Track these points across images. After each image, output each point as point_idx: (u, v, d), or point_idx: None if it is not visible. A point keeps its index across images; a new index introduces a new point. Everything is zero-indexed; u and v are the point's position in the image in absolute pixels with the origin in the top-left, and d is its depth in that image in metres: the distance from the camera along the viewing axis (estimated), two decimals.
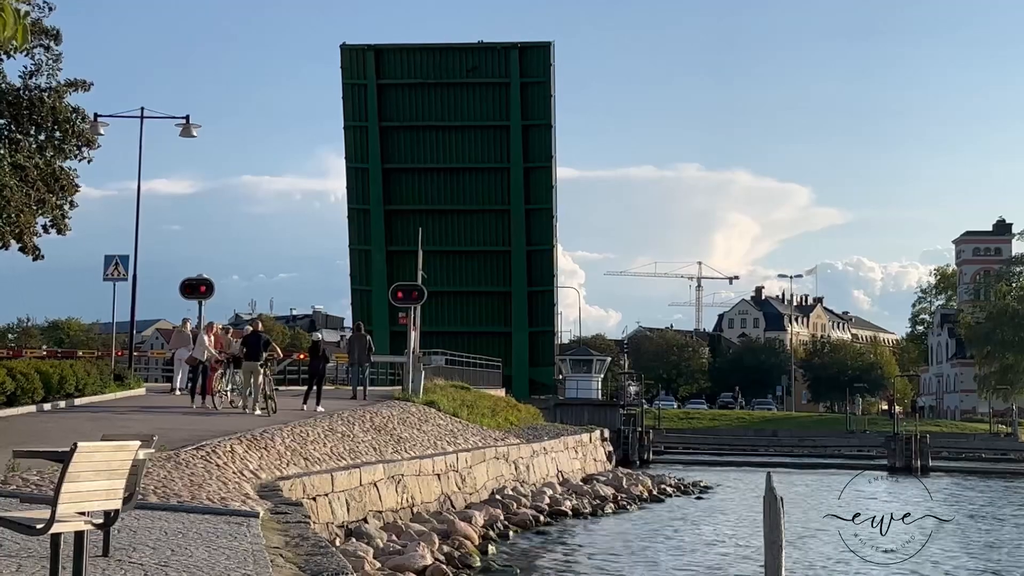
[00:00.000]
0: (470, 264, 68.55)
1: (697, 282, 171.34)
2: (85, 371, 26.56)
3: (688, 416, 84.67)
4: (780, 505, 12.28)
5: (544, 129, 69.12)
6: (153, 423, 21.72)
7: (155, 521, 11.41)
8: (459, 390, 38.47)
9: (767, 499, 12.44)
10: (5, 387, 22.23)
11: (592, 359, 71.24)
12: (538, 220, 69.23)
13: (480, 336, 64.57)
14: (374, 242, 69.06)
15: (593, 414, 58.77)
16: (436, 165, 68.86)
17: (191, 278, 31.86)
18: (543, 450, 34.14)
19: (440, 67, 68.72)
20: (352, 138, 69.69)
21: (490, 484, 27.80)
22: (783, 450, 65.53)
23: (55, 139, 27.49)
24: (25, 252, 27.11)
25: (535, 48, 69.40)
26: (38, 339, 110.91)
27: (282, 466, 18.83)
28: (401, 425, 27.29)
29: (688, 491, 39.65)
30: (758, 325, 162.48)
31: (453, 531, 21.42)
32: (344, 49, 69.40)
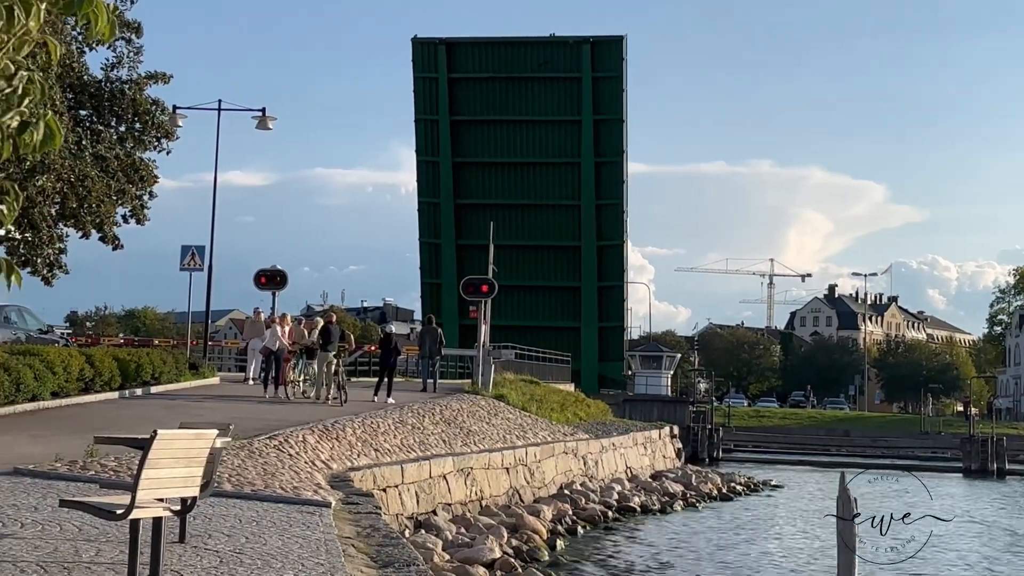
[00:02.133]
0: (540, 258, 68.53)
1: (769, 279, 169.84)
2: (161, 360, 26.97)
3: (758, 414, 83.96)
4: (854, 506, 12.10)
5: (615, 124, 68.89)
6: (227, 412, 21.97)
7: (230, 509, 11.54)
8: (528, 384, 38.47)
9: (841, 499, 12.27)
10: (83, 374, 22.64)
11: (662, 355, 70.85)
12: (608, 215, 69.03)
13: (549, 331, 64.53)
14: (444, 236, 69.32)
15: (662, 410, 58.45)
16: (507, 159, 68.90)
17: (265, 269, 32.22)
18: (612, 446, 34.03)
19: (511, 61, 68.69)
20: (423, 132, 69.99)
21: (558, 479, 27.77)
22: (855, 450, 64.72)
23: (135, 130, 27.93)
24: (105, 242, 27.59)
25: (607, 42, 69.13)
26: (115, 327, 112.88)
27: (353, 457, 18.95)
28: (470, 418, 27.34)
29: (758, 489, 39.31)
30: (831, 323, 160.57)
31: (521, 525, 21.42)
32: (416, 43, 69.64)
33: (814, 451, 64.73)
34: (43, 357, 21.36)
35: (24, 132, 3.46)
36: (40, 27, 3.51)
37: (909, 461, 60.31)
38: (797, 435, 71.44)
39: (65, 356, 22.44)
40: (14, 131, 3.45)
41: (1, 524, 9.58)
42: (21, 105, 3.50)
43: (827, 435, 72.06)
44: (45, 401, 20.79)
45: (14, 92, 3.50)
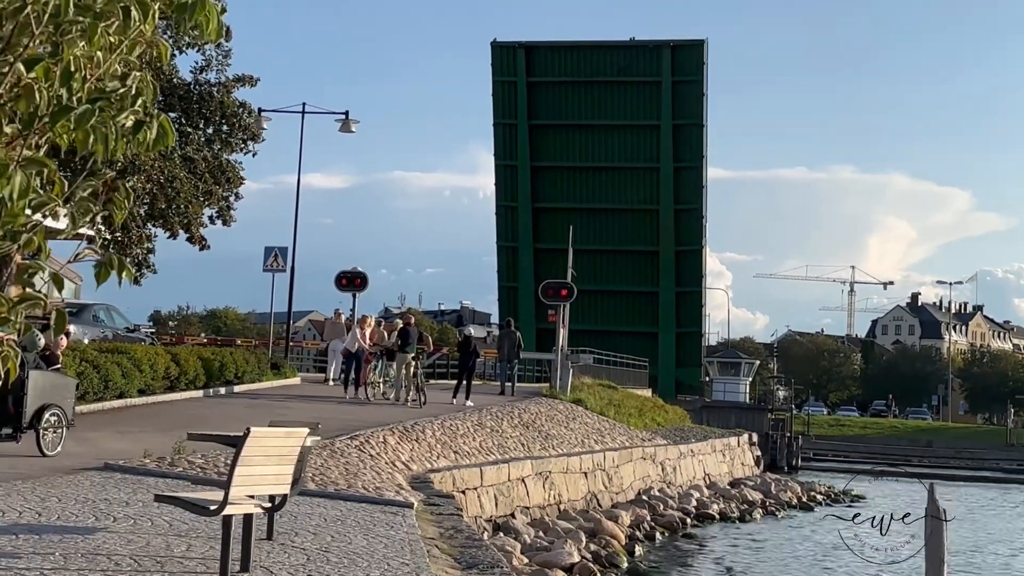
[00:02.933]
0: (618, 263, 68.28)
1: (850, 286, 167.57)
2: (244, 359, 27.35)
3: (838, 423, 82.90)
4: (943, 518, 11.88)
5: (695, 128, 68.41)
6: (309, 412, 22.20)
7: (314, 508, 11.66)
8: (606, 389, 38.36)
9: (929, 512, 12.07)
10: (169, 372, 23.04)
11: (740, 362, 70.23)
12: (687, 221, 68.58)
13: (627, 335, 64.26)
14: (522, 239, 69.36)
15: (740, 417, 57.88)
16: (585, 164, 68.74)
17: (346, 271, 32.50)
18: (690, 452, 33.80)
19: (590, 65, 68.51)
20: (501, 135, 70.08)
21: (636, 484, 27.65)
22: (938, 461, 63.61)
23: (222, 133, 28.35)
24: (192, 242, 28.03)
25: (688, 46, 68.64)
26: (197, 327, 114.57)
27: (433, 458, 19.05)
28: (549, 422, 27.34)
29: (838, 499, 38.76)
30: (913, 332, 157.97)
31: (600, 530, 21.36)
32: (495, 46, 69.73)
33: (895, 462, 63.69)
34: (131, 355, 21.77)
35: (139, 131, 3.52)
36: (154, 29, 3.58)
37: (993, 473, 59.16)
38: (878, 445, 70.43)
39: (152, 354, 22.86)
40: (129, 130, 3.51)
41: (94, 518, 9.77)
42: (135, 105, 3.56)
43: (909, 446, 70.95)
44: (132, 398, 21.20)
45: (128, 92, 3.57)
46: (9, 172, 3.36)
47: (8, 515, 9.58)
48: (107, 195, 3.83)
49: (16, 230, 3.52)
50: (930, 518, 11.97)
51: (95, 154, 3.43)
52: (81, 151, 3.44)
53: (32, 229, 3.48)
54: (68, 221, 3.59)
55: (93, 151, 3.44)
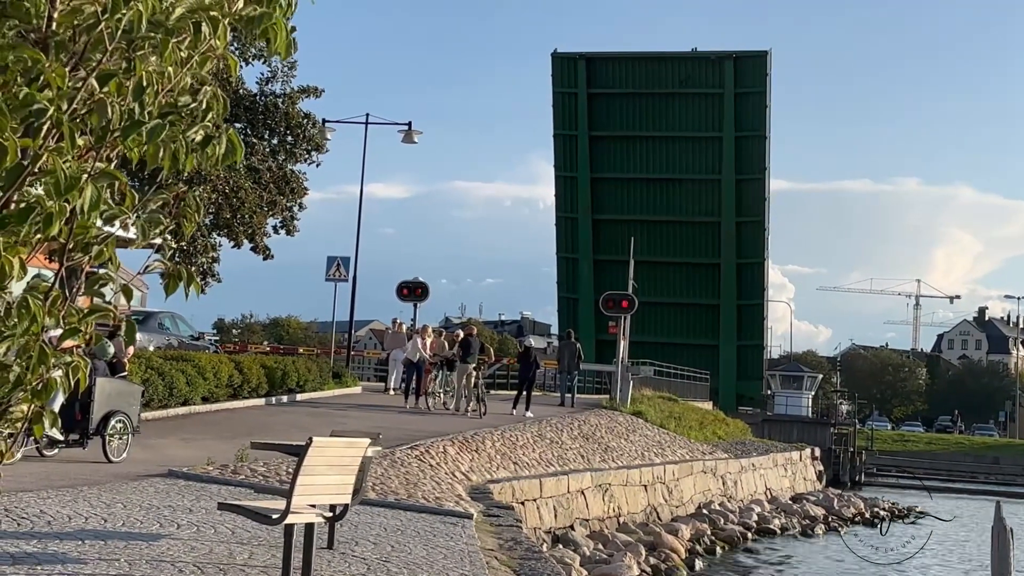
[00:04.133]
0: (679, 275, 67.96)
1: (915, 300, 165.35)
2: (306, 368, 27.55)
3: (903, 438, 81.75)
4: (1010, 536, 11.67)
5: (758, 140, 67.94)
6: (369, 421, 22.31)
7: (374, 517, 11.70)
8: (666, 401, 38.17)
9: (996, 529, 11.86)
10: (232, 380, 23.27)
11: (803, 375, 69.51)
12: (749, 233, 68.10)
13: (687, 348, 63.95)
14: (581, 250, 69.29)
15: (802, 431, 57.30)
16: (646, 175, 68.52)
17: (407, 281, 32.66)
18: (751, 466, 33.51)
19: (652, 77, 68.27)
20: (561, 146, 70.05)
21: (697, 498, 27.46)
22: (1005, 478, 62.48)
23: (287, 143, 28.64)
24: (256, 252, 28.34)
25: (751, 57, 68.21)
26: (260, 335, 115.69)
27: (492, 469, 19.05)
28: (608, 434, 27.24)
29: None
30: (980, 347, 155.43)
31: (659, 543, 21.25)
32: (555, 57, 69.71)
33: (961, 478, 62.74)
34: (195, 363, 22.02)
35: (208, 146, 3.57)
36: (225, 45, 3.62)
37: None
38: (943, 461, 69.36)
39: (215, 362, 23.11)
40: (198, 144, 3.56)
41: (159, 525, 9.89)
42: (205, 119, 3.60)
43: (975, 462, 69.79)
44: (196, 406, 21.44)
45: (199, 106, 3.61)
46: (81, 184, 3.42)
47: (75, 520, 9.72)
48: (177, 207, 3.88)
49: (87, 241, 3.58)
50: (996, 537, 11.75)
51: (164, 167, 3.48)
52: (151, 165, 3.49)
53: (103, 241, 3.53)
54: (138, 233, 3.64)
55: (162, 165, 3.49)
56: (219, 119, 3.69)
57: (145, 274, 3.83)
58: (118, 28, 3.24)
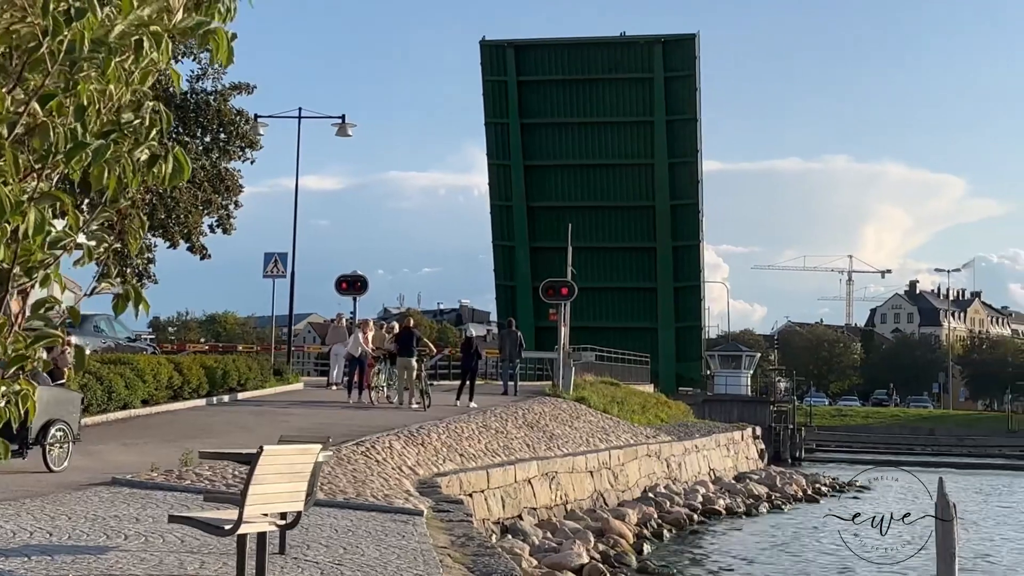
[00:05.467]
0: (615, 260, 68.21)
1: (848, 276, 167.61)
2: (247, 366, 27.31)
3: (840, 413, 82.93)
4: (954, 512, 11.86)
5: (689, 123, 68.25)
6: (313, 418, 22.19)
7: (325, 518, 11.61)
8: (609, 386, 38.35)
9: (939, 506, 12.04)
10: (172, 382, 22.99)
11: (741, 355, 70.23)
12: (684, 216, 68.51)
13: (626, 331, 64.23)
14: (517, 238, 69.27)
15: (742, 410, 57.92)
16: (579, 161, 68.57)
17: (346, 275, 32.44)
18: (695, 448, 33.79)
19: (581, 63, 68.27)
20: (493, 135, 69.83)
21: (642, 482, 27.64)
22: (941, 449, 63.63)
23: (220, 141, 28.30)
24: (193, 251, 27.99)
25: (679, 41, 68.46)
26: (196, 332, 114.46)
27: (439, 462, 19.02)
28: (553, 422, 27.31)
29: (844, 491, 38.76)
30: (912, 320, 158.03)
31: (607, 529, 21.34)
32: (484, 46, 69.38)
33: (898, 451, 63.78)
34: (133, 365, 21.73)
35: (154, 165, 3.49)
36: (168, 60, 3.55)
37: (996, 460, 59.23)
38: (881, 434, 70.51)
39: (154, 364, 22.83)
40: (143, 164, 3.48)
41: (105, 536, 9.73)
42: (149, 137, 3.53)
43: (912, 434, 71.00)
44: (136, 409, 21.15)
45: (142, 124, 3.54)
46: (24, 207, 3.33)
47: (19, 536, 9.54)
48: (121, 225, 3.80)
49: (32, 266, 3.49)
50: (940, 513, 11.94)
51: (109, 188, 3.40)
52: (96, 186, 3.41)
53: (48, 265, 3.45)
54: (83, 253, 3.56)
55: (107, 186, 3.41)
56: (164, 136, 3.61)
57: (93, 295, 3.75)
58: (60, 49, 3.15)
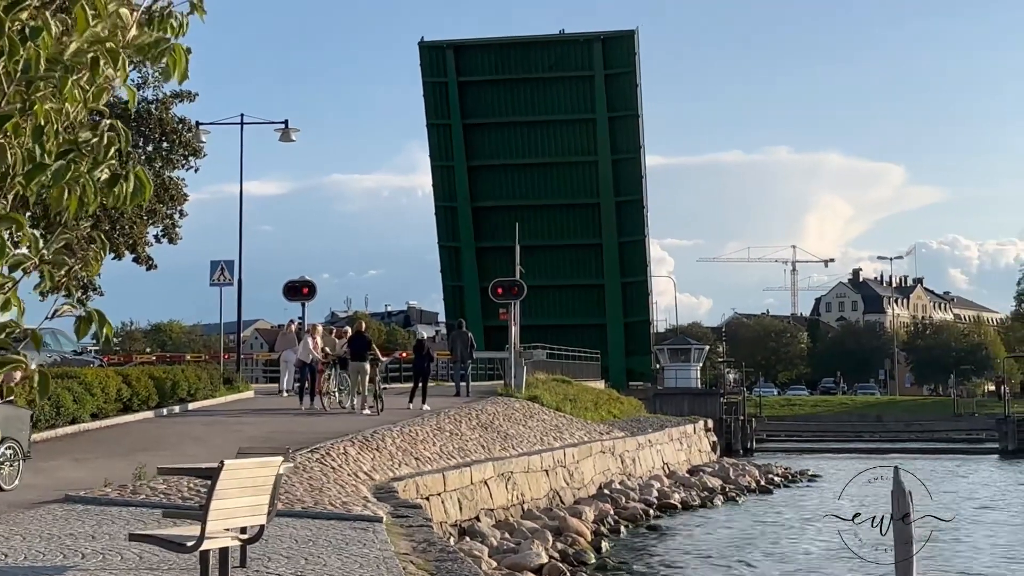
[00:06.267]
0: (562, 257, 68.29)
1: (792, 266, 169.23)
2: (196, 376, 27.07)
3: (789, 403, 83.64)
4: (910, 499, 11.97)
5: (631, 119, 68.44)
6: (266, 426, 22.03)
7: (284, 528, 11.51)
8: (561, 384, 38.41)
9: (895, 494, 12.15)
10: (121, 394, 22.73)
11: (690, 348, 70.61)
12: (629, 211, 68.72)
13: (576, 328, 64.41)
14: (463, 239, 69.15)
15: (693, 403, 58.23)
16: (522, 161, 68.52)
17: (294, 280, 32.24)
18: (648, 443, 33.95)
19: (521, 62, 68.20)
20: (436, 136, 69.59)
21: (597, 479, 27.72)
22: (889, 435, 64.40)
23: (163, 150, 28.00)
24: (139, 262, 27.68)
25: (619, 38, 68.61)
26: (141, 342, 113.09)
27: (394, 466, 18.97)
28: (507, 422, 27.32)
29: (796, 480, 39.14)
30: (857, 308, 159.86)
31: (565, 527, 21.37)
32: (423, 47, 69.01)
33: (847, 438, 64.49)
34: (81, 379, 21.46)
35: (115, 185, 3.43)
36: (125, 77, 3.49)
37: (944, 444, 60.03)
38: (830, 422, 71.22)
39: (103, 377, 22.55)
40: (104, 184, 3.42)
41: (62, 556, 9.58)
42: (108, 156, 3.47)
43: (860, 421, 71.79)
44: (85, 423, 20.88)
45: (100, 142, 3.47)
46: None
47: None
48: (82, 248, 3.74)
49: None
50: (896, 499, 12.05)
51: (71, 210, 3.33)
52: (56, 208, 3.34)
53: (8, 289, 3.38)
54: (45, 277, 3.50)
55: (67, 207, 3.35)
56: (123, 153, 3.56)
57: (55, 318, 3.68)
58: (16, 70, 3.09)
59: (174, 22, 3.91)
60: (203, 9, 4.09)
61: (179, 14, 3.92)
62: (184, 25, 3.94)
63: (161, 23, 3.86)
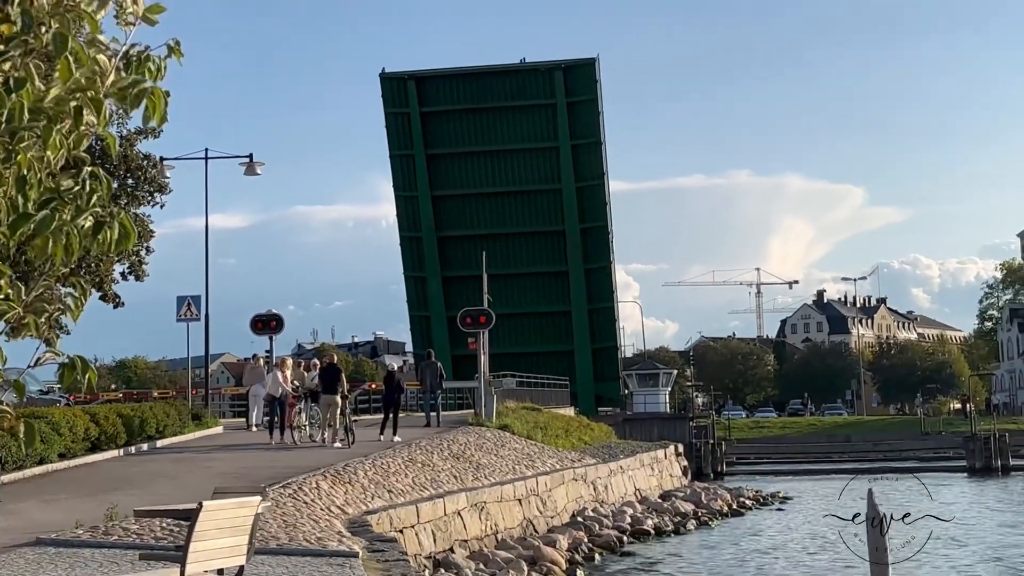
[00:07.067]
0: (528, 285, 68.28)
1: (756, 288, 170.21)
2: (164, 412, 26.85)
3: (758, 425, 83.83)
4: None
5: (594, 146, 68.68)
6: (237, 462, 21.87)
7: (260, 567, 11.40)
8: (531, 412, 38.40)
9: (870, 516, 12.23)
10: (89, 433, 22.50)
11: (659, 372, 70.83)
12: (594, 238, 68.90)
13: (544, 355, 64.43)
14: (429, 268, 69.05)
15: (662, 428, 58.36)
16: (487, 190, 68.49)
17: (261, 314, 32.06)
18: (620, 469, 33.96)
19: (483, 91, 68.26)
20: (399, 167, 69.49)
21: (570, 506, 27.69)
22: (858, 456, 64.66)
23: (128, 187, 27.86)
24: (106, 300, 27.47)
25: (579, 66, 68.87)
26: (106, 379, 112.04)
27: (367, 500, 18.89)
28: (479, 451, 27.27)
29: (768, 503, 39.23)
30: (822, 329, 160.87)
31: (539, 556, 21.34)
32: (384, 78, 68.94)
33: (817, 459, 64.71)
34: (48, 419, 21.22)
35: (99, 232, 3.43)
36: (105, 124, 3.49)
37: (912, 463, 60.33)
38: (798, 444, 71.42)
39: (70, 416, 22.31)
40: (88, 231, 3.42)
41: None
42: (91, 203, 3.46)
43: (828, 442, 72.07)
44: (54, 463, 20.64)
45: (82, 190, 3.47)
46: None
47: None
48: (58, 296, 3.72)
49: None
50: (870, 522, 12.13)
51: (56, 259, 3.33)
52: (40, 258, 3.34)
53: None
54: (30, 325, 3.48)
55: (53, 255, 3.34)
56: (106, 200, 3.55)
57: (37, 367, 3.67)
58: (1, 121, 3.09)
59: (152, 66, 3.92)
60: (180, 52, 4.10)
61: (157, 58, 3.93)
62: (162, 69, 3.95)
63: (139, 67, 3.87)
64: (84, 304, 3.72)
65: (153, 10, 3.83)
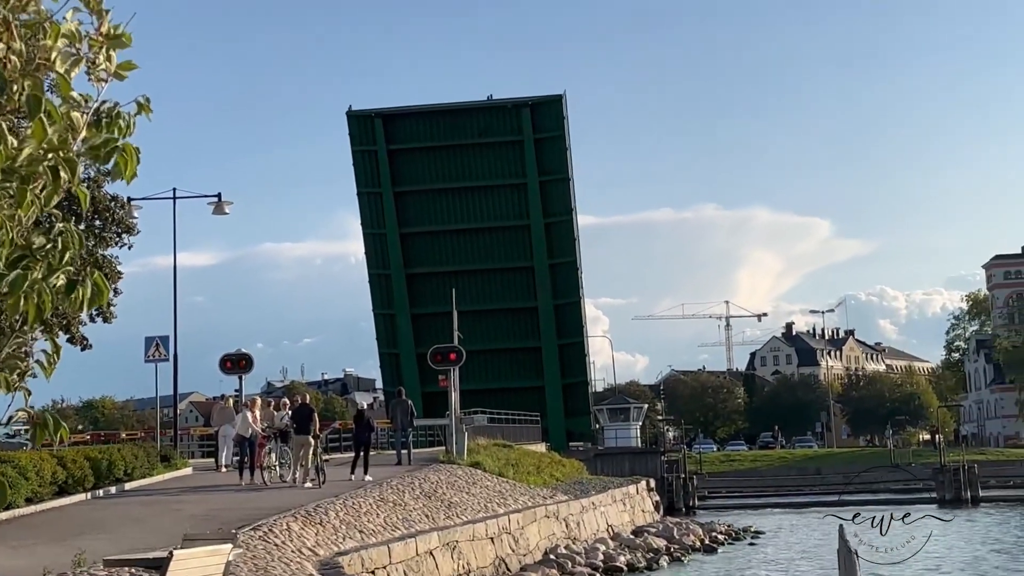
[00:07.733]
0: (498, 322, 68.20)
1: (726, 321, 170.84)
2: (132, 455, 26.61)
3: (729, 459, 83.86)
4: (856, 559, 12.11)
5: (562, 183, 68.84)
6: (206, 504, 21.71)
7: None
8: (502, 448, 38.34)
9: (841, 552, 12.30)
10: (56, 477, 22.28)
11: (629, 407, 70.85)
12: (563, 273, 68.97)
13: (514, 392, 64.33)
14: (398, 306, 68.87)
15: (634, 462, 58.31)
16: (455, 227, 68.51)
17: (230, 354, 31.95)
18: (592, 505, 33.90)
19: (451, 129, 68.37)
20: (367, 204, 69.39)
21: (543, 544, 27.60)
22: (829, 488, 64.77)
23: (95, 228, 27.75)
24: (73, 343, 27.29)
25: (547, 102, 69.17)
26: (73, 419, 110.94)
27: (338, 541, 18.79)
28: (450, 489, 27.18)
29: (740, 537, 39.22)
30: (791, 361, 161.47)
31: None
32: (351, 116, 68.93)
33: (788, 492, 64.79)
34: (14, 463, 20.99)
35: (72, 291, 3.44)
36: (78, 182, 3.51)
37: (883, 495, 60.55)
38: (770, 477, 71.50)
39: (36, 460, 22.07)
40: (62, 289, 3.43)
41: None
42: (63, 260, 3.48)
43: (799, 475, 72.16)
44: (20, 508, 20.42)
45: (55, 248, 3.49)
46: None
47: None
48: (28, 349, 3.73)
49: None
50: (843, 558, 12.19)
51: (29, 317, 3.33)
52: (12, 315, 3.34)
53: None
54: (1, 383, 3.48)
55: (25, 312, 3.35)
56: (76, 257, 3.57)
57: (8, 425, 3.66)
58: None
59: (122, 122, 3.95)
60: (150, 108, 4.13)
61: (127, 115, 3.96)
62: (131, 125, 3.98)
63: (110, 125, 3.89)
64: (57, 362, 3.72)
65: (124, 67, 3.87)
